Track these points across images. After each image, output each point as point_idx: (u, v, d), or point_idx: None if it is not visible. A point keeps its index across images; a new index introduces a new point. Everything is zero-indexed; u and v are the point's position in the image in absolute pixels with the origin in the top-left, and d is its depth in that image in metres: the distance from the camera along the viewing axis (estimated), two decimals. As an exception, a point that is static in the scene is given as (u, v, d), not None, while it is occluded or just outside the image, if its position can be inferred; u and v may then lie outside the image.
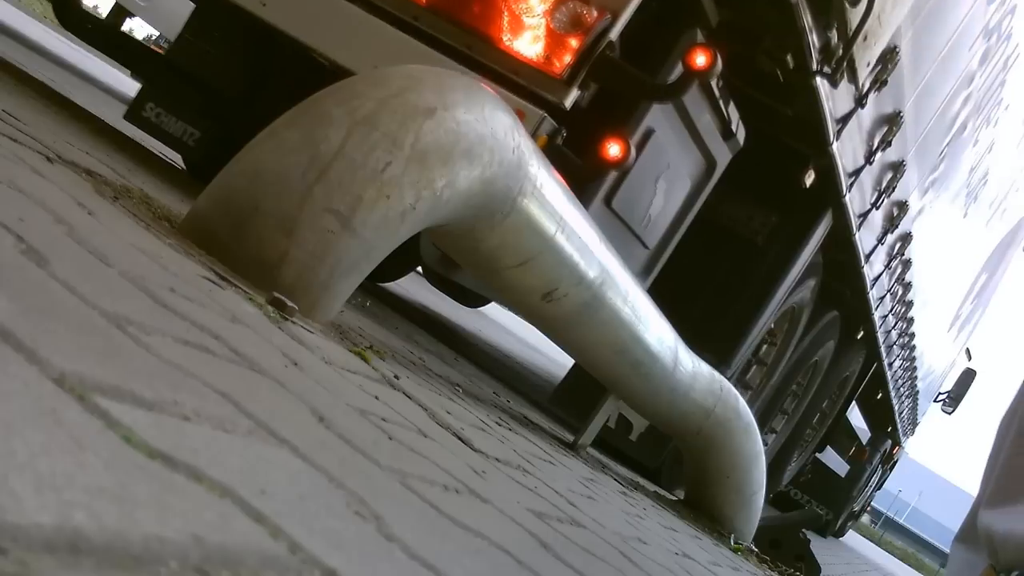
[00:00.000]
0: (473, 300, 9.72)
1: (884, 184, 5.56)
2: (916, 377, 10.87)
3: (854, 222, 5.33)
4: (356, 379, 1.58)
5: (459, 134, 1.85)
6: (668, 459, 4.81)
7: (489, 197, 2.03)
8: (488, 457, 1.84)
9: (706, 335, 4.48)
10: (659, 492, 4.00)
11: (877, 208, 5.58)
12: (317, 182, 1.69)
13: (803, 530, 4.78)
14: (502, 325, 11.48)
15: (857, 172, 4.93)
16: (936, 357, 11.59)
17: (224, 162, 1.80)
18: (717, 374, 3.67)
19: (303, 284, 1.70)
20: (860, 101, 4.35)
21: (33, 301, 0.85)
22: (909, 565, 34.34)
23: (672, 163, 3.63)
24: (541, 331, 3.00)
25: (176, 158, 4.33)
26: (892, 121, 5.07)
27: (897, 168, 5.61)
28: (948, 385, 14.51)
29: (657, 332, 3.11)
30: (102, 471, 0.61)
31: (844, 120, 4.34)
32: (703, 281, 4.86)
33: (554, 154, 2.86)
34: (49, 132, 2.16)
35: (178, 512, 0.63)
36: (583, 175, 3.03)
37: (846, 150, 4.58)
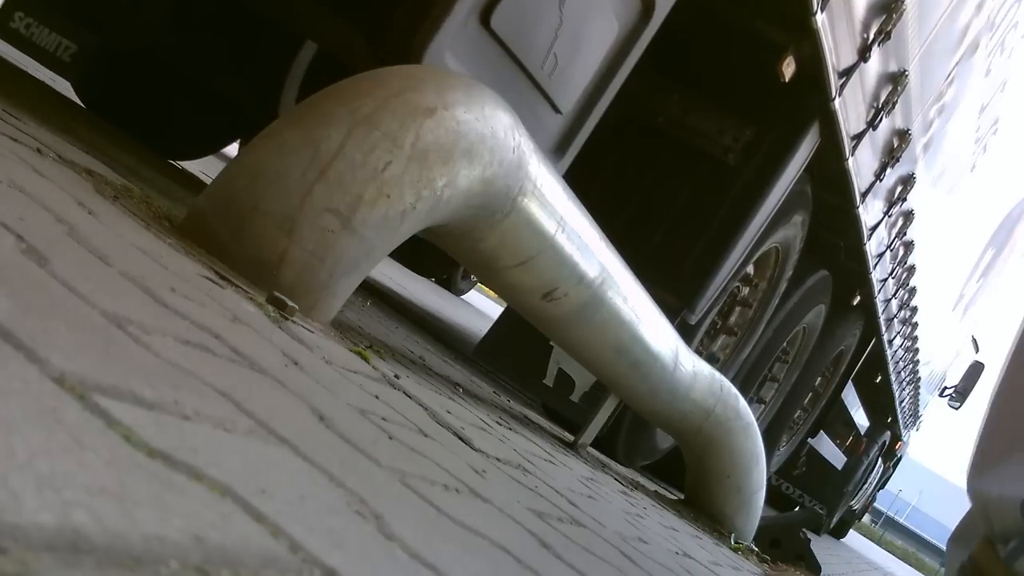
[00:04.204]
0: (428, 270, 9.05)
1: (882, 98, 4.48)
2: (918, 361, 9.89)
3: (847, 144, 4.34)
4: (356, 379, 1.59)
5: (459, 133, 1.85)
6: (625, 430, 4.24)
7: (489, 197, 2.03)
8: (488, 456, 1.84)
9: (666, 271, 3.84)
10: (659, 492, 4.00)
11: (874, 129, 4.55)
12: (317, 181, 1.69)
13: (803, 530, 4.78)
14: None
15: (849, 72, 3.94)
16: (939, 339, 10.52)
17: (109, 80, 1.58)
18: (718, 374, 3.67)
19: (303, 284, 1.70)
20: None
21: (33, 301, 0.85)
22: (909, 565, 34.35)
23: None
24: (541, 330, 3.01)
25: (64, 88, 3.80)
26: (891, 7, 4.04)
27: (897, 80, 4.52)
28: (952, 376, 13.81)
29: (657, 332, 3.11)
30: (102, 471, 0.61)
31: None
32: (662, 208, 4.05)
33: None
34: (49, 132, 2.16)
35: (178, 511, 0.63)
36: None
37: (834, 32, 3.64)
